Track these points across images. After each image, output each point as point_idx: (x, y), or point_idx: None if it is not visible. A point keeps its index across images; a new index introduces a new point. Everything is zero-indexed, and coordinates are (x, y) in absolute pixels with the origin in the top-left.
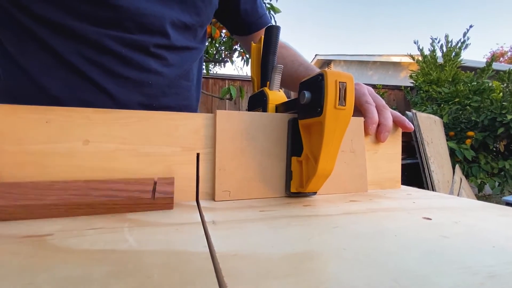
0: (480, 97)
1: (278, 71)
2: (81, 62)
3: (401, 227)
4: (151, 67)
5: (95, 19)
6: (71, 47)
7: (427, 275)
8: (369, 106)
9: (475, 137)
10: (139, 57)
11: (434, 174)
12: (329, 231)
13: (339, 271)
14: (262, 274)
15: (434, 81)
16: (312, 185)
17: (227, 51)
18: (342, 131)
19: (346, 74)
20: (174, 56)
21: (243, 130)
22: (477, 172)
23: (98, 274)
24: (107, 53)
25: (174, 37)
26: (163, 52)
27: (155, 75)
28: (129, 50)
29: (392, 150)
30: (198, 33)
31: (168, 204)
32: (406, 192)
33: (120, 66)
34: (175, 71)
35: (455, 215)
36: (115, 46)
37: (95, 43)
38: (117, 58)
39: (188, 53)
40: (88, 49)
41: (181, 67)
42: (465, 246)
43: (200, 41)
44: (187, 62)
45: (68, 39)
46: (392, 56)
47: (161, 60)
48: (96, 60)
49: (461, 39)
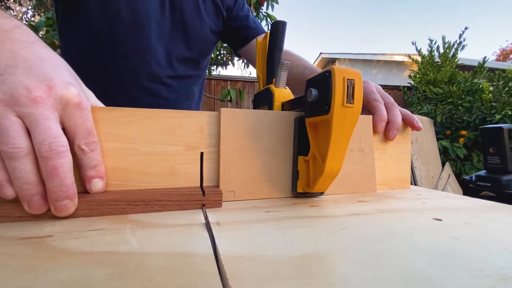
0: (472, 97)
1: (284, 68)
2: (115, 91)
3: (411, 229)
4: (162, 94)
5: (126, 60)
6: (110, 80)
7: (438, 278)
8: (377, 103)
9: (467, 136)
10: (155, 86)
11: (417, 170)
12: (336, 232)
13: (347, 274)
14: (268, 276)
15: (431, 81)
16: (319, 185)
17: (228, 54)
18: (350, 129)
19: (354, 71)
20: (179, 84)
21: (248, 129)
22: (469, 169)
23: (99, 277)
24: (134, 86)
25: (179, 68)
26: (171, 82)
27: (164, 100)
28: (149, 82)
29: (402, 149)
30: (201, 63)
31: (218, 202)
32: (416, 192)
33: (142, 94)
34: (179, 95)
35: (466, 216)
36: (142, 80)
37: (126, 78)
38: (142, 89)
39: (191, 80)
40: (121, 81)
41: (184, 92)
42: (476, 248)
43: (203, 69)
44: (190, 87)
45: (109, 74)
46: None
47: (169, 88)
48: (125, 90)
49: (457, 41)
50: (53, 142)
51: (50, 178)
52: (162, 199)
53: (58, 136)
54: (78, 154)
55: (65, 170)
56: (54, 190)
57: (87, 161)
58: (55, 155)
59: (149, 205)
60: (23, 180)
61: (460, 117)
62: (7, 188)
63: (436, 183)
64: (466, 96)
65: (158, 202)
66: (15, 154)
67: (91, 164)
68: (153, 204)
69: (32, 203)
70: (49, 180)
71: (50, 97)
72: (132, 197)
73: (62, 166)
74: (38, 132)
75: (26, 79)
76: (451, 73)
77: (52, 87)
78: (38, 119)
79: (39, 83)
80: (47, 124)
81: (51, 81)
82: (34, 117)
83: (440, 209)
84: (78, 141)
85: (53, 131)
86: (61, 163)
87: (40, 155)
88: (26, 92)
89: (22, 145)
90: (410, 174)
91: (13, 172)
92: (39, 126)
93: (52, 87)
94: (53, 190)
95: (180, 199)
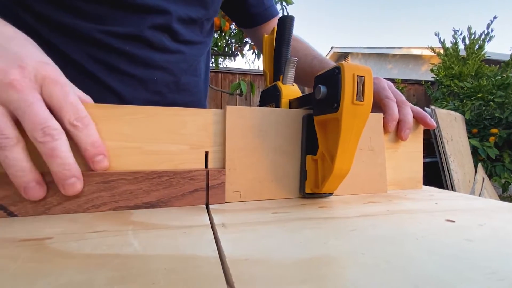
0: (505, 92)
1: (292, 64)
2: (86, 61)
3: (423, 230)
4: (156, 63)
5: (98, 16)
6: (75, 45)
7: (451, 281)
8: (389, 101)
9: (499, 134)
10: (144, 53)
11: (454, 173)
12: (346, 234)
13: (357, 277)
14: (275, 280)
15: (456, 75)
16: (328, 186)
17: (237, 44)
18: (360, 128)
19: (364, 67)
20: (180, 51)
21: (254, 127)
22: (501, 171)
23: (100, 280)
24: (111, 51)
25: (179, 31)
26: (168, 47)
27: (160, 71)
28: (133, 46)
29: (413, 148)
30: (205, 26)
31: (221, 176)
32: (428, 193)
33: (125, 63)
34: (181, 66)
35: (480, 217)
36: (118, 44)
37: (98, 41)
38: (122, 55)
39: (195, 47)
40: (92, 47)
41: (187, 62)
42: (490, 250)
43: (207, 35)
44: (193, 56)
45: (72, 38)
46: (412, 48)
47: (166, 56)
48: (100, 58)
49: (484, 31)
50: (45, 127)
51: (51, 160)
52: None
53: (48, 119)
54: (72, 131)
55: (64, 149)
56: (59, 170)
57: (83, 138)
58: (50, 139)
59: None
60: (17, 168)
61: (491, 113)
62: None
63: (472, 188)
64: (497, 91)
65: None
66: (5, 144)
67: (89, 140)
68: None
69: (28, 190)
70: (51, 162)
71: (25, 78)
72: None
73: (60, 146)
74: (27, 121)
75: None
76: (478, 66)
77: (24, 67)
78: (22, 106)
79: (10, 65)
80: (34, 111)
81: (22, 61)
82: (17, 104)
83: (453, 210)
84: (68, 117)
85: (42, 116)
86: (59, 143)
87: (36, 141)
88: (2, 76)
89: (11, 135)
90: (422, 174)
91: (4, 161)
92: (26, 115)
93: (24, 67)
94: (57, 170)
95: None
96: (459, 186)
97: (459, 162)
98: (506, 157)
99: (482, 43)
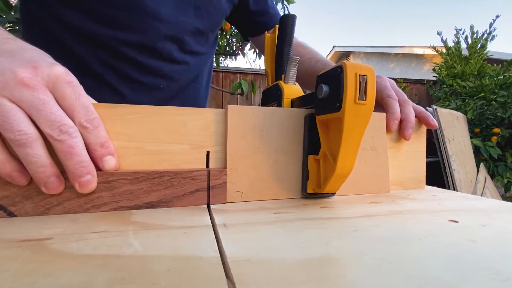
0: (507, 91)
1: (294, 63)
2: (98, 66)
3: (425, 231)
4: (163, 72)
5: (114, 24)
6: (89, 50)
7: (454, 282)
8: (391, 100)
9: (501, 134)
10: (153, 62)
11: (455, 173)
12: (348, 234)
13: (359, 278)
14: (277, 281)
15: (458, 74)
16: (330, 186)
17: (238, 43)
18: (363, 127)
19: (366, 66)
20: (186, 62)
21: (256, 127)
22: (503, 171)
23: (100, 281)
24: (123, 59)
25: (188, 42)
26: (176, 58)
27: (167, 80)
28: (145, 57)
29: (416, 148)
30: (210, 37)
31: (223, 176)
32: (431, 193)
33: (136, 71)
34: (186, 76)
35: (483, 217)
36: (130, 53)
37: (112, 49)
38: (133, 64)
39: (199, 58)
40: (106, 54)
41: (191, 72)
42: (494, 250)
43: (211, 46)
44: (198, 66)
45: (87, 43)
46: (414, 47)
47: (173, 66)
48: (113, 65)
49: (487, 30)
50: (61, 125)
51: (69, 158)
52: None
53: (64, 118)
54: (82, 132)
55: (81, 147)
56: (76, 167)
57: (93, 138)
58: (68, 137)
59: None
60: (38, 164)
61: (493, 113)
62: (19, 177)
63: (474, 188)
64: (500, 90)
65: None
66: (24, 141)
67: (98, 141)
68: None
69: (49, 184)
70: (68, 160)
71: (37, 77)
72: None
73: (77, 144)
74: (43, 120)
75: (10, 64)
76: (480, 66)
77: (37, 67)
78: (37, 105)
79: (24, 66)
80: (48, 109)
81: (36, 62)
82: (31, 103)
83: (456, 211)
84: (79, 118)
85: (56, 114)
86: (76, 142)
87: (53, 139)
88: (12, 74)
89: (29, 131)
90: (425, 174)
91: (26, 158)
92: (40, 113)
93: (37, 67)
94: (74, 168)
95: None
96: (461, 186)
97: (461, 162)
98: (508, 156)
99: (484, 42)
